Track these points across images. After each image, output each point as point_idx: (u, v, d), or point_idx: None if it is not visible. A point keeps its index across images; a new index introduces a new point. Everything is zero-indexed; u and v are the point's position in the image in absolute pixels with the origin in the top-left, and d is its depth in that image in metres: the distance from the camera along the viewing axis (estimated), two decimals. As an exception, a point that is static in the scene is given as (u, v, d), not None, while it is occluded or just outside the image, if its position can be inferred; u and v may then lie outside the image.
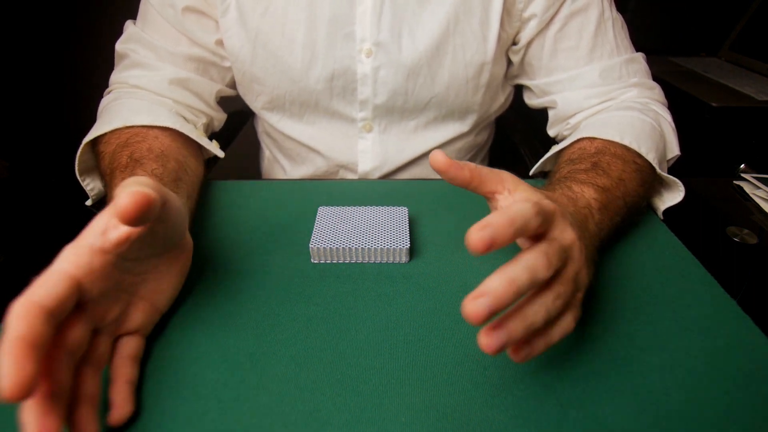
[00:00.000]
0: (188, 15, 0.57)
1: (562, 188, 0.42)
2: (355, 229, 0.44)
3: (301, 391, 0.32)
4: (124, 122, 0.50)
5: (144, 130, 0.50)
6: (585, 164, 0.46)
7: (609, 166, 0.46)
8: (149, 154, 0.46)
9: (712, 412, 0.30)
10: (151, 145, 0.48)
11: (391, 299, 0.39)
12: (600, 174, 0.44)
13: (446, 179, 0.32)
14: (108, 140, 0.50)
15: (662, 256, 0.44)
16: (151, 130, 0.51)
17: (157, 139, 0.49)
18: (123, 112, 0.52)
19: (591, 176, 0.44)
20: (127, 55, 0.58)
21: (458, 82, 0.61)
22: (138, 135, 0.49)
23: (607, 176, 0.44)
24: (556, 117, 0.63)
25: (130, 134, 0.49)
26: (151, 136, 0.49)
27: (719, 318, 0.37)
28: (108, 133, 0.50)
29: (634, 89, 0.58)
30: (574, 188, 0.42)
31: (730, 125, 1.09)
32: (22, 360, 0.22)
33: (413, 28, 0.58)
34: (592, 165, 0.46)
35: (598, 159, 0.47)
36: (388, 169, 0.68)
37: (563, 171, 0.47)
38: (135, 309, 0.33)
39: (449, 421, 0.30)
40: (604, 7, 0.58)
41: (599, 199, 0.41)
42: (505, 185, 0.33)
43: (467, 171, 0.32)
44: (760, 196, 0.66)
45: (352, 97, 0.63)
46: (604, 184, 0.43)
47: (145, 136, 0.49)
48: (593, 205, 0.40)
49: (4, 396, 0.21)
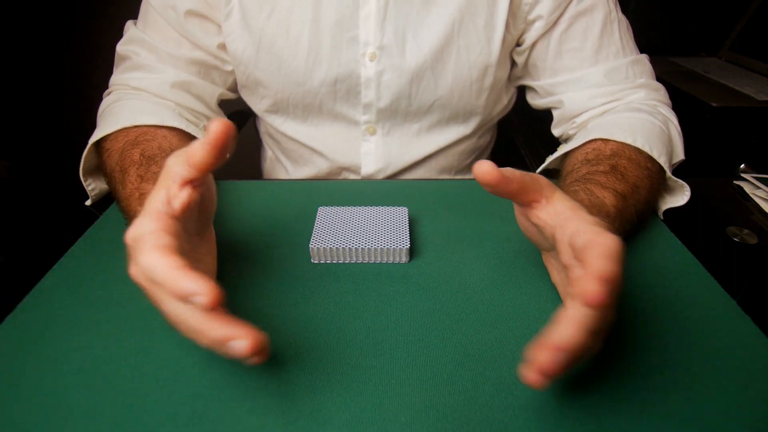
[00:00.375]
0: (190, 18, 0.57)
1: (586, 192, 0.42)
2: (355, 229, 0.44)
3: (301, 391, 0.32)
4: (132, 121, 0.50)
5: (152, 130, 0.51)
6: (604, 166, 0.46)
7: (626, 171, 0.46)
8: (161, 152, 0.47)
9: (712, 412, 0.30)
10: (161, 144, 0.48)
11: (391, 299, 0.39)
12: (619, 179, 0.44)
13: (490, 191, 0.32)
14: (115, 138, 0.50)
15: (662, 256, 0.44)
16: (159, 129, 0.51)
17: (166, 138, 0.50)
18: (128, 112, 0.52)
19: (611, 180, 0.44)
20: (128, 57, 0.58)
21: (462, 84, 0.61)
22: (147, 134, 0.49)
23: (625, 182, 0.44)
24: (562, 116, 0.63)
25: (138, 133, 0.49)
26: (159, 135, 0.50)
27: (719, 318, 0.37)
28: (115, 131, 0.50)
29: (641, 90, 0.58)
30: (596, 192, 0.42)
31: (730, 125, 1.09)
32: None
33: (417, 32, 0.58)
34: (611, 168, 0.46)
35: (615, 162, 0.47)
36: (391, 171, 0.68)
37: (581, 171, 0.47)
38: None
39: (449, 421, 0.30)
40: (610, 8, 0.58)
41: (617, 206, 0.41)
42: (543, 193, 0.33)
43: (515, 184, 0.32)
44: (760, 196, 0.66)
45: (356, 100, 0.63)
46: (623, 191, 0.43)
47: (154, 135, 0.49)
48: (612, 213, 0.41)
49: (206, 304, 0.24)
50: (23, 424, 0.30)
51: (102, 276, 0.41)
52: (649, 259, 0.44)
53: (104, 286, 0.40)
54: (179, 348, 0.35)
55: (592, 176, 0.45)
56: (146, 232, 0.27)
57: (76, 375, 0.33)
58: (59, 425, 0.30)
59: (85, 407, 0.31)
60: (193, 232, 0.35)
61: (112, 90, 0.59)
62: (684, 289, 0.40)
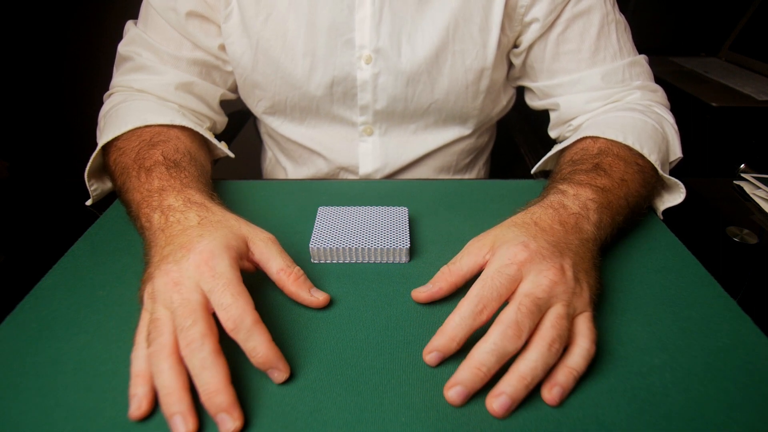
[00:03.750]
0: (191, 20, 0.57)
1: (555, 193, 0.42)
2: (355, 229, 0.44)
3: (301, 391, 0.32)
4: (143, 121, 0.50)
5: (165, 130, 0.51)
6: (587, 165, 0.47)
7: (611, 167, 0.46)
8: (184, 156, 0.47)
9: (712, 412, 0.30)
10: (177, 146, 0.48)
11: (391, 299, 0.39)
12: (600, 175, 0.45)
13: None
14: (128, 137, 0.50)
15: (662, 256, 0.44)
16: (171, 129, 0.51)
17: (179, 139, 0.50)
18: (137, 112, 0.52)
19: (591, 177, 0.44)
20: (130, 58, 0.58)
21: (458, 87, 0.61)
22: (161, 134, 0.50)
23: (608, 177, 0.45)
24: (558, 119, 0.63)
25: (152, 133, 0.50)
26: (173, 136, 0.50)
27: (719, 318, 0.37)
28: (126, 132, 0.50)
29: (637, 92, 0.58)
30: (569, 191, 0.42)
31: (730, 125, 1.09)
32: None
33: (412, 35, 0.58)
34: (593, 166, 0.46)
35: (600, 160, 0.47)
36: (389, 171, 0.68)
37: (564, 171, 0.47)
38: None
39: (449, 421, 0.30)
40: (608, 9, 0.58)
41: (597, 199, 0.42)
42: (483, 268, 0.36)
43: (453, 285, 0.38)
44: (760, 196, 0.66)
45: (353, 102, 0.63)
46: (604, 185, 0.43)
47: (168, 136, 0.50)
48: (590, 206, 0.41)
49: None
50: (23, 424, 0.30)
51: (102, 276, 0.41)
52: (649, 259, 0.44)
53: (104, 286, 0.40)
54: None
55: (571, 175, 0.45)
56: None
57: (76, 375, 0.33)
58: (59, 425, 0.30)
59: (84, 407, 0.31)
60: None
61: (114, 91, 0.59)
62: (684, 289, 0.40)
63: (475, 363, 0.31)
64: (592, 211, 0.41)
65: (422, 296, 0.38)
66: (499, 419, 0.30)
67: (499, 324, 0.31)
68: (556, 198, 0.41)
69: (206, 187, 0.45)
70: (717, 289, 0.40)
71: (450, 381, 0.31)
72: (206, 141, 0.57)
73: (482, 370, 0.30)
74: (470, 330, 0.33)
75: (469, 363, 0.31)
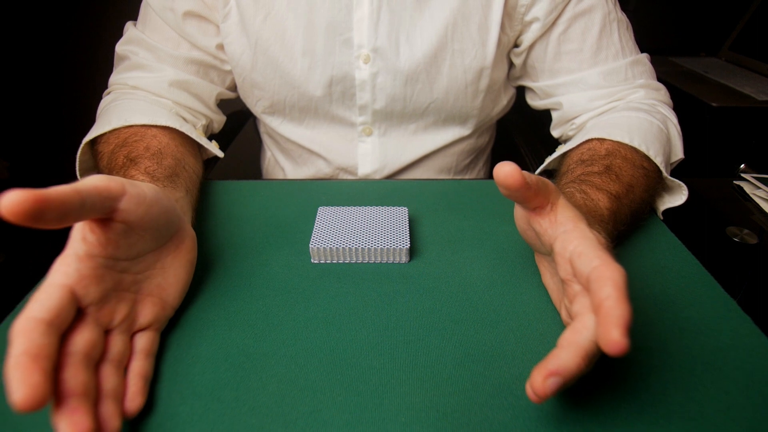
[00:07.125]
0: (189, 19, 0.57)
1: (581, 194, 0.42)
2: (355, 229, 0.44)
3: (301, 391, 0.32)
4: (123, 122, 0.50)
5: (142, 130, 0.50)
6: (598, 167, 0.46)
7: (621, 171, 0.46)
8: (145, 152, 0.46)
9: (712, 412, 0.30)
10: (148, 144, 0.48)
11: (391, 299, 0.39)
12: (613, 179, 0.44)
13: (506, 194, 0.31)
14: (107, 140, 0.50)
15: (662, 256, 0.44)
16: (149, 129, 0.51)
17: (155, 137, 0.50)
18: (122, 112, 0.52)
19: (605, 181, 0.44)
20: (127, 57, 0.58)
21: (457, 87, 0.61)
22: (136, 134, 0.49)
23: (620, 182, 0.44)
24: (561, 118, 0.63)
25: (128, 134, 0.49)
26: (149, 135, 0.50)
27: (719, 318, 0.37)
28: (107, 133, 0.50)
29: (640, 90, 0.58)
30: (591, 195, 0.42)
31: (730, 125, 1.09)
32: (28, 373, 0.23)
33: (411, 35, 0.58)
34: (605, 168, 0.46)
35: (610, 162, 0.47)
36: (389, 171, 0.68)
37: (576, 172, 0.47)
38: (143, 306, 0.33)
39: (449, 421, 0.30)
40: (610, 8, 0.57)
41: (611, 208, 0.41)
42: (549, 198, 0.33)
43: (533, 190, 0.31)
44: (760, 196, 0.66)
45: (351, 102, 0.63)
46: (617, 192, 0.43)
47: (143, 135, 0.49)
48: (606, 215, 0.41)
49: (18, 408, 0.22)
50: (23, 424, 0.30)
51: (102, 276, 0.41)
52: (649, 259, 0.44)
53: (104, 286, 0.40)
54: (179, 347, 0.35)
55: (586, 177, 0.45)
56: (48, 284, 0.27)
57: (76, 375, 0.33)
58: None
59: (85, 407, 0.30)
60: (145, 251, 0.33)
61: (111, 90, 0.59)
62: (684, 289, 0.40)
63: (580, 352, 0.27)
64: (607, 220, 0.41)
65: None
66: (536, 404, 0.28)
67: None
68: (585, 203, 0.41)
69: (162, 178, 0.43)
70: (717, 289, 0.40)
71: (542, 368, 0.26)
72: (194, 140, 0.56)
73: (585, 361, 0.27)
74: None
75: (575, 350, 0.27)
